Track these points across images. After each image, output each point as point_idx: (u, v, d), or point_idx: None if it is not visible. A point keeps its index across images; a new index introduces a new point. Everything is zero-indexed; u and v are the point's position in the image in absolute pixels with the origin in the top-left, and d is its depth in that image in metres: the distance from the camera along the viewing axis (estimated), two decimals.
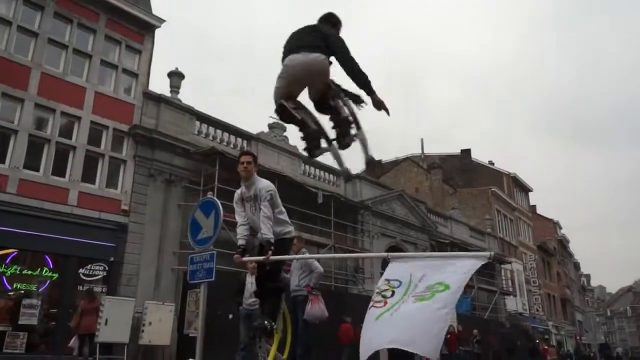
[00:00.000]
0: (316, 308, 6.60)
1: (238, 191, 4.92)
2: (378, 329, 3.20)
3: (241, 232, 4.75)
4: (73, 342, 10.26)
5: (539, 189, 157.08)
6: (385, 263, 3.75)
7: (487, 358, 19.61)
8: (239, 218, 4.85)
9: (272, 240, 4.48)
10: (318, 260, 7.69)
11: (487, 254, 3.43)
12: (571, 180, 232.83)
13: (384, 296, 3.36)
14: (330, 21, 3.97)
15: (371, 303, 3.41)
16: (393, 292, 3.36)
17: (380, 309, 3.29)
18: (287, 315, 5.24)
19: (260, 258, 4.50)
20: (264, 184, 4.75)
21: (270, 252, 4.40)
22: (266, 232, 4.50)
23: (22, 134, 11.79)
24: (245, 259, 4.66)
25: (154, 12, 15.28)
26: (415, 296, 3.23)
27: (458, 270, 3.25)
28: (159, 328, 11.92)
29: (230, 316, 10.10)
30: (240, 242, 4.70)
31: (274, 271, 4.79)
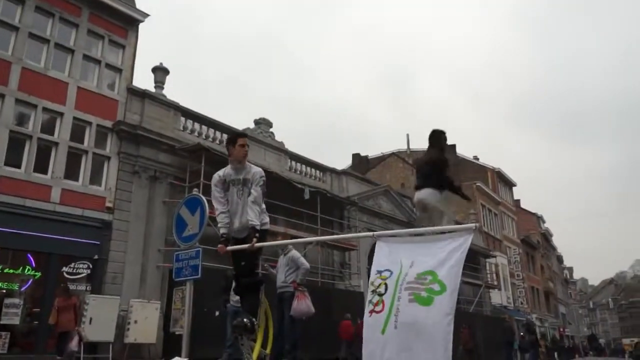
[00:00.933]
0: (302, 304, 6.60)
1: (220, 172, 4.61)
2: (389, 346, 3.14)
3: (222, 220, 4.47)
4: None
5: (522, 182, 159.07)
6: (371, 259, 3.70)
7: (455, 352, 19.67)
8: (218, 205, 4.52)
9: (258, 227, 4.30)
10: (304, 255, 7.69)
11: (471, 225, 3.28)
12: (554, 174, 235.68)
13: (379, 294, 3.28)
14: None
15: (370, 306, 3.31)
16: (386, 286, 3.29)
17: (382, 315, 3.21)
18: (268, 310, 5.11)
19: (245, 246, 4.26)
20: (258, 170, 4.58)
21: (255, 240, 4.20)
22: (253, 217, 4.29)
23: (2, 130, 11.57)
24: (229, 248, 4.40)
25: (138, 6, 15.09)
26: (410, 290, 3.16)
27: (448, 256, 3.16)
28: (145, 326, 11.84)
29: (217, 313, 10.04)
30: (223, 230, 4.46)
31: (251, 266, 4.56)
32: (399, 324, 3.13)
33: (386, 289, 3.27)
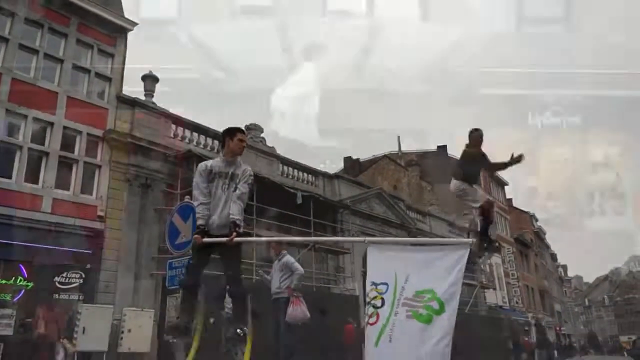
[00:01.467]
0: (298, 310, 6.59)
1: (207, 163, 4.52)
2: (383, 359, 3.14)
3: (202, 211, 4.33)
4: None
5: (514, 177, 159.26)
6: (366, 262, 3.68)
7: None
8: (200, 195, 4.39)
9: (240, 223, 4.24)
10: (298, 260, 7.69)
11: (468, 240, 3.35)
12: (546, 169, 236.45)
13: (374, 306, 3.28)
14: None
15: (366, 318, 3.35)
16: (382, 300, 3.28)
17: (375, 328, 3.21)
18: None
19: (224, 239, 4.18)
20: (248, 167, 4.55)
21: (235, 234, 4.13)
22: (236, 213, 4.23)
23: None
24: (206, 240, 4.27)
25: (126, 14, 15.07)
26: (407, 306, 3.15)
27: (445, 272, 3.14)
28: (139, 335, 11.75)
29: (212, 320, 10.01)
30: (200, 222, 4.31)
31: (237, 274, 4.52)
32: (394, 338, 3.13)
33: (383, 303, 3.27)
